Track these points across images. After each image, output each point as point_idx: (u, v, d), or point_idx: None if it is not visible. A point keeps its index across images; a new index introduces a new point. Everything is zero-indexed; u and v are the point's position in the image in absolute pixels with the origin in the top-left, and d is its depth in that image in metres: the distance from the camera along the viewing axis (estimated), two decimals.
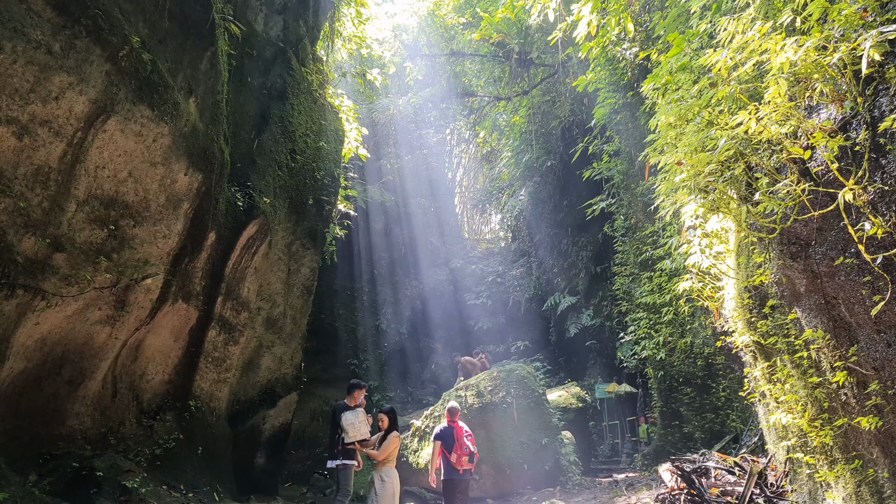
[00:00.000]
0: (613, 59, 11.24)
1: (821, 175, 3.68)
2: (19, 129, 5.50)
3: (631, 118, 12.07)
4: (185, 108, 6.96)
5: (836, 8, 3.28)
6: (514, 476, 9.80)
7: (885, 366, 3.57)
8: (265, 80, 10.30)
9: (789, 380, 4.56)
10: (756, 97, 4.03)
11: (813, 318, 4.14)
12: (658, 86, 6.04)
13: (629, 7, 9.51)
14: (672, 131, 4.68)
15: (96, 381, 7.26)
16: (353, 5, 13.41)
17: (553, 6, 11.37)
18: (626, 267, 13.76)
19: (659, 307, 11.78)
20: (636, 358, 13.45)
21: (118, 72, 5.99)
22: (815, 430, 4.35)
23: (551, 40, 12.43)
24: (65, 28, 5.49)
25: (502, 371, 11.23)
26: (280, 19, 10.92)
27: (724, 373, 10.69)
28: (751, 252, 4.82)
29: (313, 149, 10.89)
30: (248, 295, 9.40)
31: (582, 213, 16.31)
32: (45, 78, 5.48)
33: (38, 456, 6.62)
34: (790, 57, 3.35)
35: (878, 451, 3.83)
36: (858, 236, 3.36)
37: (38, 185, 5.81)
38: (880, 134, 3.24)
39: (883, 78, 3.26)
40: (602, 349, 17.73)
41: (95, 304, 6.77)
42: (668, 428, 11.73)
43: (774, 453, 6.25)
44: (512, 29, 17.14)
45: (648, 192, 10.32)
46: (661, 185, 5.18)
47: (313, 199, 10.86)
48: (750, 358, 5.40)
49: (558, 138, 18.53)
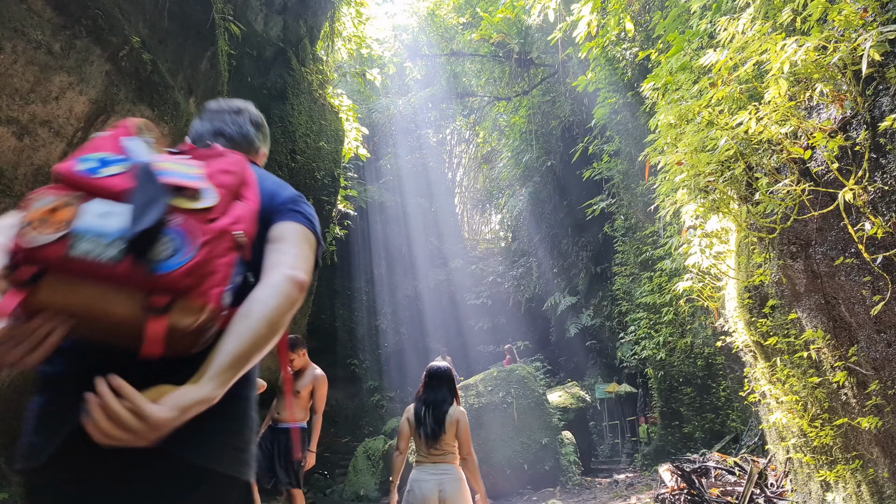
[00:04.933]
0: (613, 59, 11.24)
1: (821, 175, 3.68)
2: (19, 129, 5.50)
3: (631, 118, 12.07)
4: (186, 108, 6.96)
5: (836, 8, 3.28)
6: (514, 476, 9.80)
7: (885, 366, 3.57)
8: (265, 80, 10.30)
9: (789, 380, 4.56)
10: (756, 97, 4.03)
11: (813, 318, 4.14)
12: (658, 86, 6.04)
13: (629, 7, 9.51)
14: (672, 131, 4.68)
15: None
16: (353, 5, 13.42)
17: (553, 6, 11.37)
18: (626, 267, 13.76)
19: (659, 307, 11.78)
20: (636, 358, 13.45)
21: (118, 72, 5.99)
22: (815, 430, 4.36)
23: (551, 40, 12.43)
24: (65, 28, 5.49)
25: (502, 371, 11.24)
26: (280, 19, 10.92)
27: (724, 373, 10.69)
28: (751, 252, 4.82)
29: (313, 149, 10.89)
30: None
31: (582, 213, 16.31)
32: (46, 78, 5.49)
33: None
34: (790, 57, 3.35)
35: (879, 451, 3.83)
36: (858, 236, 3.36)
37: (38, 186, 5.81)
38: (880, 134, 3.24)
39: (883, 78, 3.26)
40: (602, 349, 17.73)
41: None
42: (668, 428, 11.73)
43: (774, 453, 6.25)
44: (512, 29, 17.14)
45: (648, 192, 10.32)
46: (661, 185, 5.18)
47: (313, 199, 10.86)
48: (750, 358, 5.40)
49: (558, 138, 18.53)
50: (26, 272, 1.04)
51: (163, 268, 1.05)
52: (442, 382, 3.91)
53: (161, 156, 1.27)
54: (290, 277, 1.28)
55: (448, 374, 3.96)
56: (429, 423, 3.76)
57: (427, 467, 3.75)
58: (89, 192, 1.11)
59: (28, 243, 1.03)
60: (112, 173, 1.15)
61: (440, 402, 3.82)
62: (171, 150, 1.38)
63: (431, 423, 3.76)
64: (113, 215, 1.07)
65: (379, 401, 17.41)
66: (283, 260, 1.33)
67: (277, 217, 1.43)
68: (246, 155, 1.56)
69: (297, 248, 1.39)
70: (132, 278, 1.04)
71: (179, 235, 1.08)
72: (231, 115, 1.72)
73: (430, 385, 3.92)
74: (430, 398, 3.86)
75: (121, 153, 1.21)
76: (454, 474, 3.75)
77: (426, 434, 3.77)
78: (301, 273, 1.32)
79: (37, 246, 1.03)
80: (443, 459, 3.75)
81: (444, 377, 3.93)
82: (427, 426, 3.76)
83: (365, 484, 10.82)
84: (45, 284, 1.05)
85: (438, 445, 3.76)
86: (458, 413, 3.80)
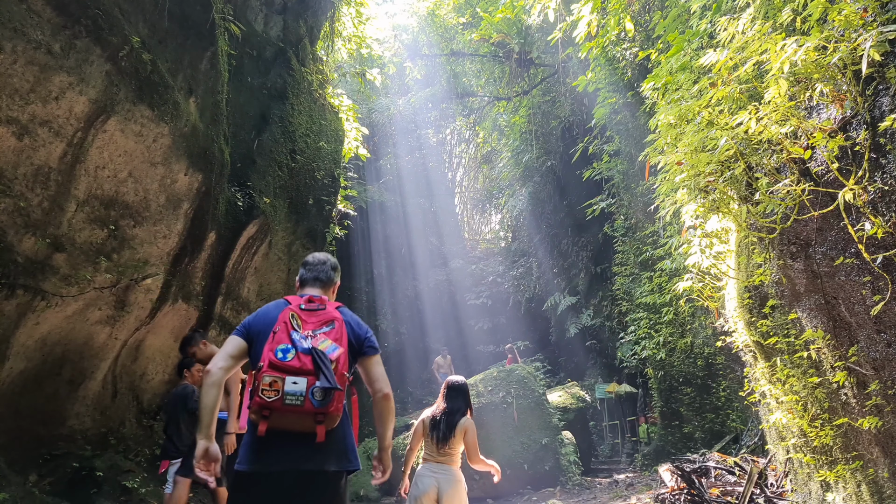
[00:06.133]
0: (613, 59, 11.24)
1: (821, 175, 3.68)
2: (19, 129, 5.50)
3: (631, 118, 12.07)
4: (185, 108, 6.96)
5: (836, 8, 3.28)
6: (514, 476, 9.80)
7: (885, 366, 3.57)
8: (265, 80, 10.30)
9: (789, 380, 4.56)
10: (756, 97, 4.03)
11: (813, 318, 4.14)
12: (658, 86, 6.04)
13: (629, 7, 9.51)
14: (672, 131, 4.67)
15: (96, 381, 7.26)
16: (353, 5, 13.41)
17: (553, 6, 11.37)
18: (626, 267, 13.75)
19: (659, 307, 11.78)
20: (636, 358, 13.44)
21: (118, 72, 5.99)
22: (815, 430, 4.36)
23: (551, 40, 12.43)
24: (65, 28, 5.49)
25: (502, 371, 11.24)
26: (280, 19, 10.91)
27: (724, 373, 10.69)
28: (751, 252, 4.82)
29: (313, 149, 10.88)
30: (248, 295, 9.40)
31: (582, 213, 16.30)
32: (45, 78, 5.48)
33: (38, 456, 6.62)
34: (790, 57, 3.35)
35: (879, 451, 3.83)
36: (858, 236, 3.36)
37: (38, 185, 5.81)
38: (880, 134, 3.25)
39: (883, 78, 3.26)
40: (602, 349, 17.72)
41: (95, 304, 6.77)
42: (668, 428, 11.73)
43: (774, 453, 6.25)
44: (512, 29, 17.13)
45: (648, 192, 10.31)
46: (661, 185, 5.18)
47: (313, 199, 10.86)
48: (750, 358, 5.40)
49: (558, 138, 18.51)
50: (265, 412, 2.38)
51: (320, 405, 2.38)
52: (459, 394, 4.55)
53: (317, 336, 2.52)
54: (387, 394, 2.70)
55: (465, 388, 4.62)
56: (442, 427, 4.38)
57: (431, 465, 4.34)
58: (284, 371, 2.38)
59: (265, 401, 2.36)
60: (290, 358, 2.40)
61: (455, 412, 4.44)
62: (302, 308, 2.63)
63: (444, 428, 4.37)
64: (297, 384, 2.38)
65: None
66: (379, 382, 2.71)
67: (366, 351, 2.75)
68: (332, 287, 2.97)
69: (381, 369, 2.76)
70: (308, 411, 2.38)
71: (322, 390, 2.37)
72: (322, 266, 2.96)
73: (450, 396, 4.54)
74: (449, 407, 4.47)
75: (290, 343, 2.44)
76: (453, 475, 4.30)
77: (438, 437, 4.36)
78: (388, 388, 2.72)
79: (269, 402, 2.36)
80: (445, 461, 4.32)
81: (461, 390, 4.58)
82: (440, 430, 4.37)
83: (365, 484, 10.82)
84: (272, 417, 2.39)
85: (446, 448, 4.34)
86: (468, 423, 4.42)
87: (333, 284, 2.95)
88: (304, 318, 2.54)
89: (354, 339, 2.64)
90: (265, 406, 2.32)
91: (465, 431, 4.39)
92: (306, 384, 2.34)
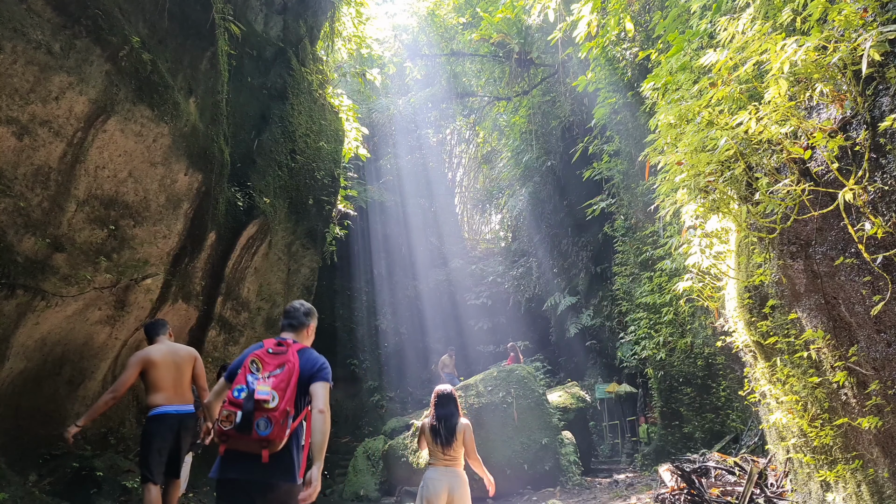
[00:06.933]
0: (613, 59, 11.24)
1: (821, 175, 3.68)
2: (19, 129, 5.50)
3: (631, 118, 12.07)
4: (185, 108, 6.96)
5: (836, 8, 3.28)
6: (514, 476, 9.79)
7: (885, 366, 3.57)
8: (265, 80, 10.30)
9: (789, 380, 4.56)
10: (756, 97, 4.03)
11: (813, 318, 4.14)
12: (658, 86, 6.04)
13: (629, 7, 9.51)
14: (672, 131, 4.67)
15: (96, 381, 7.26)
16: (353, 5, 13.41)
17: (553, 6, 11.37)
18: (626, 267, 13.75)
19: (659, 307, 11.77)
20: (636, 358, 13.44)
21: (118, 72, 5.99)
22: (815, 430, 4.36)
23: (551, 40, 12.42)
24: (65, 28, 5.49)
25: (502, 371, 11.23)
26: (280, 19, 10.92)
27: (724, 373, 10.68)
28: (751, 252, 4.82)
29: (313, 149, 10.88)
30: (248, 295, 9.40)
31: (582, 213, 16.30)
32: (45, 78, 5.48)
33: (38, 456, 6.62)
34: (790, 57, 3.35)
35: (879, 451, 3.83)
36: (858, 236, 3.36)
37: (38, 185, 5.81)
38: (880, 134, 3.25)
39: (883, 78, 3.26)
40: (602, 349, 17.72)
41: (95, 304, 6.77)
42: (668, 428, 11.73)
43: (774, 453, 6.25)
44: (512, 29, 17.13)
45: (648, 192, 10.31)
46: (661, 185, 5.17)
47: (313, 199, 10.86)
48: (750, 358, 5.40)
49: (558, 138, 18.51)
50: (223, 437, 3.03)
51: (263, 433, 2.95)
52: (449, 401, 4.94)
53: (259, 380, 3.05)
54: (321, 410, 3.08)
55: (453, 396, 5.02)
56: (443, 432, 4.76)
57: (440, 469, 4.72)
58: (237, 406, 2.98)
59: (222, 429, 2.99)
60: (243, 396, 2.99)
61: (450, 416, 4.84)
62: (269, 351, 3.19)
63: (445, 432, 4.76)
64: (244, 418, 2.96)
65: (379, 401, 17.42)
66: (317, 400, 3.11)
67: (315, 380, 3.17)
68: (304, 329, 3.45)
69: (323, 392, 3.16)
70: (254, 438, 2.96)
71: (265, 421, 2.96)
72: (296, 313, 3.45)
73: (441, 403, 4.92)
74: (442, 413, 4.85)
75: (245, 384, 3.03)
76: (461, 477, 4.72)
77: (441, 441, 4.74)
78: (324, 406, 3.11)
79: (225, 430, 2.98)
80: (452, 464, 4.72)
81: (450, 397, 4.99)
82: (442, 435, 4.75)
83: (365, 484, 10.82)
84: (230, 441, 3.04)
85: (450, 451, 4.73)
86: (465, 425, 4.85)
87: (305, 328, 3.46)
88: (267, 360, 3.14)
89: (306, 375, 3.15)
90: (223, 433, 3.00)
91: (463, 432, 4.79)
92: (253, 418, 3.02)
